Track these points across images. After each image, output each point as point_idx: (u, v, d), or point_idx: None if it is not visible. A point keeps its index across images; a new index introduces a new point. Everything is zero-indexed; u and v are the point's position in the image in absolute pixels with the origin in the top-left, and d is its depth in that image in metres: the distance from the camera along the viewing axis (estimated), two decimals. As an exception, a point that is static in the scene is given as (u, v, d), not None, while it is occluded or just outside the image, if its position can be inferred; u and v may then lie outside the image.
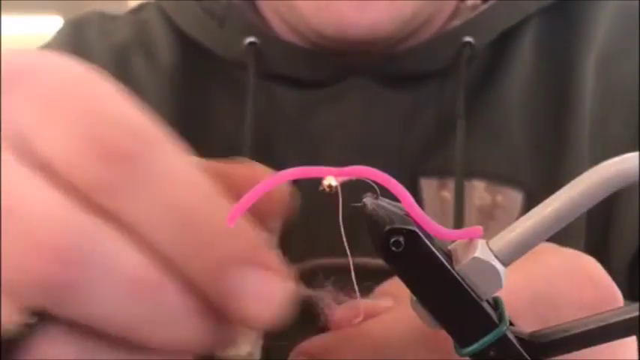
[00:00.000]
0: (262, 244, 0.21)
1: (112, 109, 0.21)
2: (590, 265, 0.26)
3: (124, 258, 0.20)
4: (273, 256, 0.21)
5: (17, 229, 0.20)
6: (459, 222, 0.45)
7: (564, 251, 0.27)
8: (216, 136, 0.50)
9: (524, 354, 0.21)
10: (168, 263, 0.20)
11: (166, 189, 0.20)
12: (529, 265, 0.22)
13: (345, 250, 0.23)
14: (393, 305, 0.26)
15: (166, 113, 0.50)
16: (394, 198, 0.21)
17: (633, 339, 0.26)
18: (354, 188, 0.21)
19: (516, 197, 0.47)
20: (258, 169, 0.25)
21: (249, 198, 0.21)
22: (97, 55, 0.53)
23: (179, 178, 0.21)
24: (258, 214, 0.22)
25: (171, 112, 0.50)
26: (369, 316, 0.25)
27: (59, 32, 0.55)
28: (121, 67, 0.52)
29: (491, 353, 0.21)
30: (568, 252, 0.27)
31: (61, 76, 0.22)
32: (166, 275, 0.20)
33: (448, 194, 0.47)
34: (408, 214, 0.21)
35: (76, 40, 0.54)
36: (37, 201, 0.20)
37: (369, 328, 0.25)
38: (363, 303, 0.26)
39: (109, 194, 0.20)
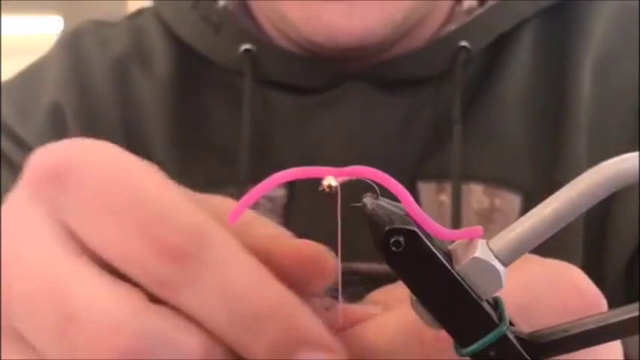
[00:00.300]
0: (319, 325, 0.22)
1: (165, 204, 0.22)
2: (576, 274, 0.26)
3: (190, 346, 0.21)
4: (329, 335, 0.22)
5: (85, 335, 0.20)
6: (456, 226, 0.45)
7: (549, 261, 0.27)
8: (213, 143, 0.50)
9: (524, 354, 0.21)
10: (229, 347, 0.21)
11: (223, 280, 0.21)
12: (513, 274, 0.22)
13: (344, 252, 0.23)
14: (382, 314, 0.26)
15: (165, 121, 0.50)
16: (394, 198, 0.21)
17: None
18: (354, 188, 0.21)
19: (514, 200, 0.47)
20: (230, 203, 0.26)
21: (249, 198, 0.21)
22: (96, 69, 0.53)
23: (234, 267, 0.22)
24: (298, 282, 0.23)
25: (169, 119, 0.50)
26: (357, 322, 0.25)
27: (57, 45, 0.55)
28: (120, 79, 0.52)
29: (491, 353, 0.21)
30: (553, 262, 0.27)
31: (110, 170, 0.22)
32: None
33: (446, 198, 0.47)
34: (408, 214, 0.21)
35: (73, 53, 0.54)
36: (101, 302, 0.21)
37: (358, 333, 0.25)
38: (351, 309, 0.26)
39: (170, 290, 0.21)
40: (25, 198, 0.23)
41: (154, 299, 0.21)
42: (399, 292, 0.25)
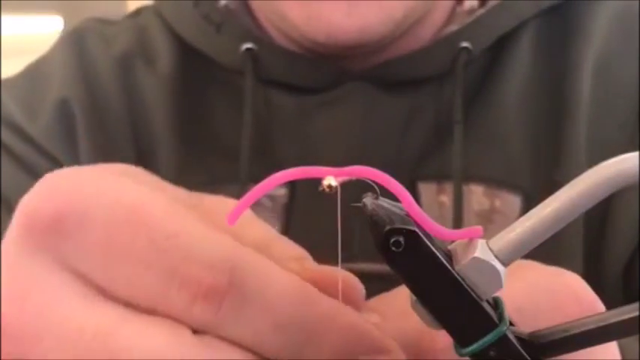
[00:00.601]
0: (374, 328, 0.22)
1: (186, 239, 0.21)
2: (573, 281, 0.26)
3: None
4: (386, 337, 0.22)
5: None
6: (457, 226, 0.45)
7: (546, 268, 0.27)
8: (215, 141, 0.50)
9: (524, 354, 0.21)
10: None
11: (267, 306, 0.21)
12: (509, 281, 0.22)
13: (343, 250, 0.23)
14: (379, 322, 0.26)
15: (168, 118, 0.50)
16: (394, 198, 0.21)
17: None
18: (354, 188, 0.21)
19: (514, 201, 0.47)
20: (226, 203, 0.25)
21: (249, 198, 0.21)
22: (101, 66, 0.53)
23: (275, 290, 0.21)
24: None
25: (173, 117, 0.50)
26: None
27: (60, 43, 0.55)
28: (124, 76, 0.52)
29: (491, 353, 0.21)
30: (550, 269, 0.27)
31: (116, 208, 0.21)
32: None
33: (446, 199, 0.47)
34: (408, 214, 0.21)
35: (78, 50, 0.54)
36: (148, 341, 0.20)
37: None
38: None
39: (213, 328, 0.20)
40: (26, 251, 0.21)
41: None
42: (397, 300, 0.25)
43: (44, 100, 0.52)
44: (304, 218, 0.47)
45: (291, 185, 0.48)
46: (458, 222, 0.45)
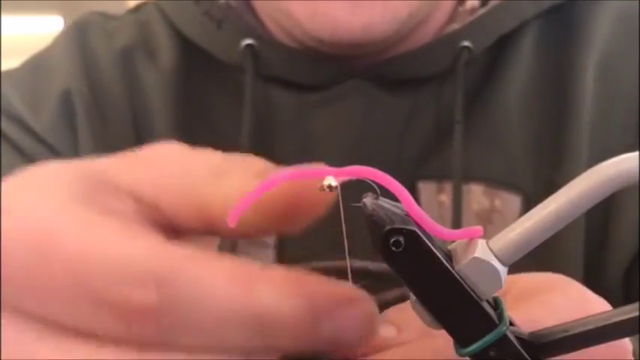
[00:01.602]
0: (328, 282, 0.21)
1: (100, 256, 0.19)
2: (598, 307, 0.26)
3: None
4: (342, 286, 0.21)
5: None
6: (457, 226, 0.45)
7: (571, 292, 0.26)
8: (216, 136, 0.50)
9: (524, 354, 0.21)
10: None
11: (202, 311, 0.19)
12: (534, 308, 0.22)
13: (345, 251, 0.23)
14: (396, 335, 0.25)
15: (170, 113, 0.50)
16: (394, 198, 0.21)
17: None
18: (354, 188, 0.21)
19: (514, 201, 0.47)
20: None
21: (250, 198, 0.21)
22: (103, 59, 0.53)
23: (206, 293, 0.19)
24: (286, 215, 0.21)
25: (174, 111, 0.50)
26: (371, 347, 0.24)
27: (62, 36, 0.56)
28: (126, 70, 0.52)
29: (491, 353, 0.21)
30: (575, 293, 0.26)
31: (29, 247, 0.19)
32: None
33: (446, 198, 0.47)
34: (408, 214, 0.21)
35: (80, 43, 0.54)
36: None
37: None
38: None
39: (158, 343, 0.19)
40: None
41: None
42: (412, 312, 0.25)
43: (47, 94, 0.52)
44: None
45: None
46: (457, 222, 0.45)
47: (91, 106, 0.51)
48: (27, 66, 0.55)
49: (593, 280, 0.45)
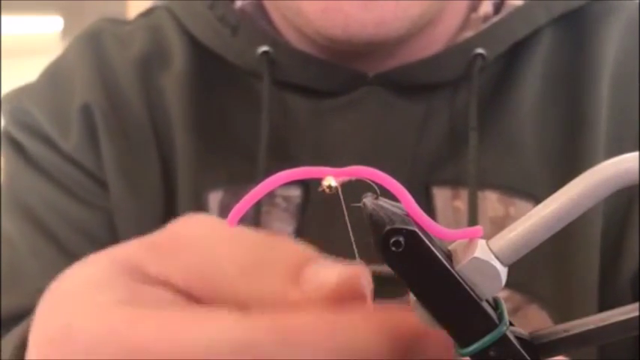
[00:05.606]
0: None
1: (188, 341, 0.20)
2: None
3: None
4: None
5: None
6: None
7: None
8: (232, 142, 0.50)
9: (524, 354, 0.21)
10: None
11: None
12: None
13: (353, 253, 0.23)
14: None
15: (187, 119, 0.50)
16: (394, 198, 0.21)
17: None
18: (354, 188, 0.21)
19: (529, 209, 0.47)
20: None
21: (249, 199, 0.21)
22: (119, 68, 0.52)
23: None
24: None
25: (191, 118, 0.50)
26: None
27: (76, 46, 0.55)
28: (143, 78, 0.52)
29: (491, 353, 0.21)
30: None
31: (107, 348, 0.21)
32: None
33: (461, 204, 0.47)
34: (408, 214, 0.21)
35: (95, 54, 0.53)
36: None
37: None
38: None
39: None
40: None
41: None
42: None
43: (68, 109, 0.51)
44: (318, 219, 0.47)
45: (305, 186, 0.48)
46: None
47: (111, 119, 0.51)
48: (45, 79, 0.54)
49: (607, 288, 0.44)
